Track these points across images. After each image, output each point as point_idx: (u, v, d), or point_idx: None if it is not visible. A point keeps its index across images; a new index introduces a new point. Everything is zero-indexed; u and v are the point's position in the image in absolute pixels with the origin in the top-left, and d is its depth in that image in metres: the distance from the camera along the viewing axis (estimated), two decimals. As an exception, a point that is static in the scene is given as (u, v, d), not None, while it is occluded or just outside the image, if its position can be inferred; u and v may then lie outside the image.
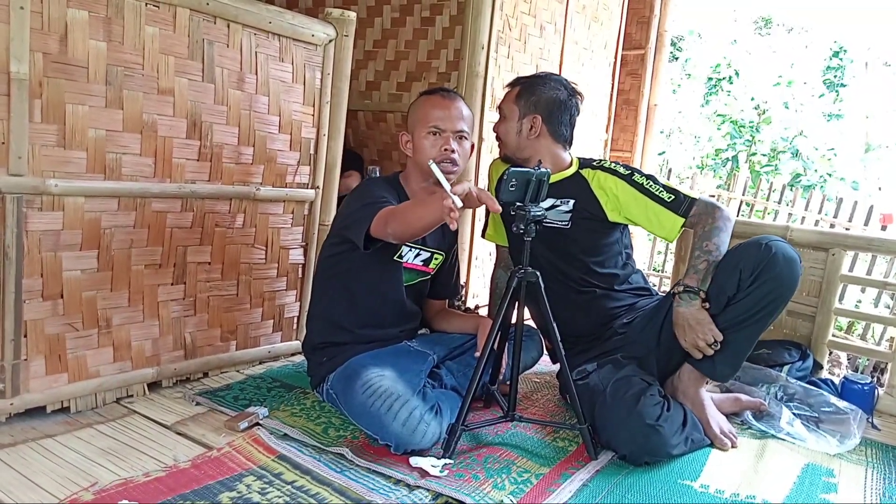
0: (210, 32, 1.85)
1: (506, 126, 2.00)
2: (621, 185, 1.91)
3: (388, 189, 1.81)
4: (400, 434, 1.57)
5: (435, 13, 2.98)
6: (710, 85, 11.74)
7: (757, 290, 1.71)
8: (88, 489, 1.35)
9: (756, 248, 1.73)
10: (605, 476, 1.60)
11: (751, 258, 1.72)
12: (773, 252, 1.70)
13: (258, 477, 1.46)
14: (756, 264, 1.71)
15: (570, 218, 1.96)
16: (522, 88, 1.97)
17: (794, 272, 1.72)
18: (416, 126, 1.81)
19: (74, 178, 1.64)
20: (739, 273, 1.72)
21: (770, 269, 1.70)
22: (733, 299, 1.74)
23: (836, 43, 11.51)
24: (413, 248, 1.85)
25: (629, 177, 1.91)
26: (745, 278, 1.72)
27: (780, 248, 1.72)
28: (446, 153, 1.76)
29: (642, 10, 4.60)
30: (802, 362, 2.31)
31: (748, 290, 1.72)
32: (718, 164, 10.69)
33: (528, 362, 2.08)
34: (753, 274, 1.71)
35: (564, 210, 1.97)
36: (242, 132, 1.99)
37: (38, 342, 1.64)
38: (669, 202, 1.86)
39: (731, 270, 1.74)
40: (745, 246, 1.77)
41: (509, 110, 1.99)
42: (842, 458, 1.84)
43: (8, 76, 1.49)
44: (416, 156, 1.81)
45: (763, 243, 1.73)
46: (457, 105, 1.81)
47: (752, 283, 1.71)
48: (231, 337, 2.11)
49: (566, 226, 1.97)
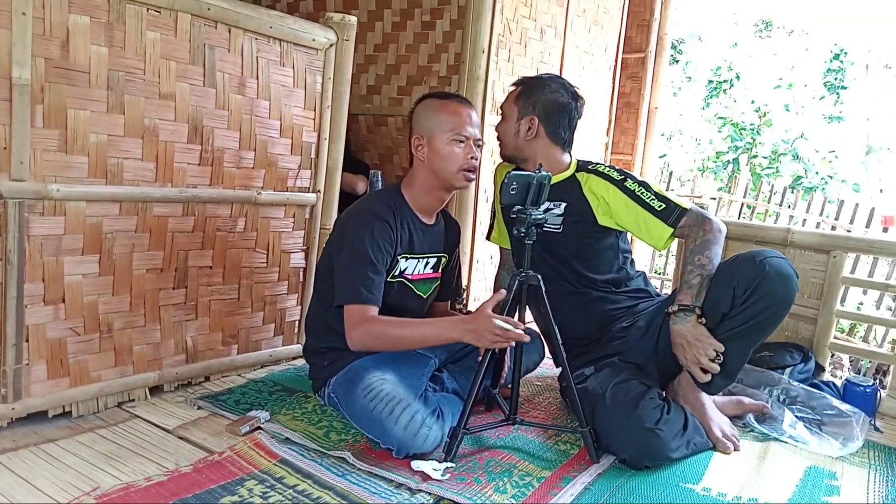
0: (211, 37, 1.86)
1: (505, 126, 2.01)
2: (612, 190, 1.90)
3: (388, 212, 1.74)
4: (402, 438, 1.57)
5: (435, 17, 2.99)
6: (710, 88, 11.76)
7: (751, 306, 1.70)
8: (90, 494, 1.35)
9: (750, 265, 1.72)
10: (607, 479, 1.60)
11: (745, 275, 1.71)
12: (767, 270, 1.69)
13: (260, 481, 1.46)
14: (750, 281, 1.70)
15: (561, 221, 1.96)
16: (523, 89, 1.98)
17: (788, 289, 1.71)
18: (435, 131, 1.77)
19: (76, 182, 1.64)
20: (734, 290, 1.71)
21: (764, 286, 1.69)
22: (727, 315, 1.73)
23: (837, 45, 11.52)
24: (420, 258, 1.84)
25: (621, 182, 1.90)
26: (738, 295, 1.71)
27: (775, 264, 1.70)
28: (472, 161, 1.78)
29: (642, 14, 4.61)
30: (804, 365, 2.31)
31: (742, 306, 1.71)
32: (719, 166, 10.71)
33: (530, 365, 2.09)
34: (747, 291, 1.70)
35: (557, 213, 1.97)
36: (243, 137, 1.99)
37: (39, 347, 1.65)
38: (659, 211, 1.85)
39: (725, 286, 1.73)
40: (741, 261, 1.76)
41: (509, 110, 1.99)
42: (844, 460, 1.83)
43: (10, 81, 1.49)
44: (437, 162, 1.78)
45: (758, 259, 1.72)
46: (474, 112, 1.83)
47: (746, 301, 1.70)
48: (232, 341, 2.11)
49: (558, 230, 1.96)
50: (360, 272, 1.67)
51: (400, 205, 1.81)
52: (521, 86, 2.00)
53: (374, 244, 1.69)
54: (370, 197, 1.92)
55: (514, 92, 2.00)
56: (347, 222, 1.78)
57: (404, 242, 1.78)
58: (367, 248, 1.68)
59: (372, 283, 1.67)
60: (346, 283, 1.69)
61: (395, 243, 1.75)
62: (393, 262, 1.76)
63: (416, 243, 1.82)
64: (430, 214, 1.86)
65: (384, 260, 1.72)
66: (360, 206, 1.82)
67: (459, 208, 2.90)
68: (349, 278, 1.68)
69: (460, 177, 1.79)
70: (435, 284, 1.94)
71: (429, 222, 1.86)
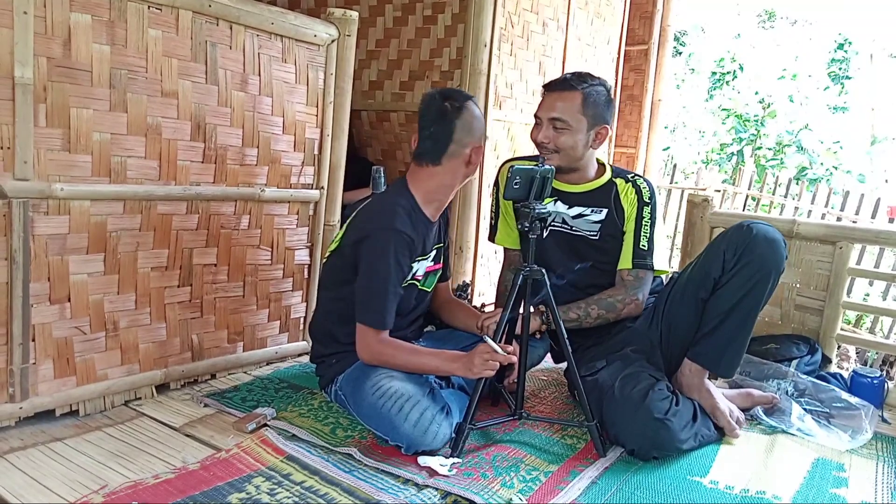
0: (213, 34, 1.85)
1: (574, 138, 1.86)
2: (634, 208, 1.96)
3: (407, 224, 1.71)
4: (411, 435, 1.57)
5: (437, 11, 2.98)
6: (714, 79, 11.71)
7: (741, 270, 1.74)
8: (98, 492, 1.36)
9: (738, 231, 1.78)
10: (614, 473, 1.60)
11: (733, 240, 1.77)
12: (754, 233, 1.74)
13: (267, 478, 1.46)
14: (738, 245, 1.75)
15: (598, 229, 1.96)
16: (585, 96, 1.85)
17: (776, 252, 1.74)
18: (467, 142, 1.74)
19: (80, 181, 1.64)
20: (723, 255, 1.76)
21: (752, 249, 1.73)
22: (719, 282, 1.77)
23: (841, 35, 11.45)
24: (427, 256, 1.84)
25: (642, 206, 1.96)
26: (728, 259, 1.75)
27: (761, 229, 1.75)
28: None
29: (645, 6, 4.59)
30: (811, 356, 2.30)
31: (732, 271, 1.75)
32: (724, 158, 10.67)
33: (535, 359, 2.08)
34: (736, 254, 1.74)
35: (594, 220, 1.96)
36: (246, 134, 1.99)
37: (46, 346, 1.65)
38: (639, 249, 1.94)
39: (715, 253, 1.78)
40: (728, 230, 1.82)
41: (575, 120, 1.85)
42: (852, 452, 1.82)
43: (12, 81, 1.49)
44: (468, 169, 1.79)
45: (745, 225, 1.78)
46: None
47: (736, 265, 1.74)
48: (238, 338, 2.11)
49: (594, 237, 1.97)
50: (382, 297, 1.68)
51: (414, 211, 1.76)
52: (578, 90, 1.85)
53: (396, 265, 1.69)
54: (387, 205, 1.77)
55: (573, 99, 1.85)
56: (368, 237, 1.70)
57: (419, 248, 1.78)
58: (391, 271, 1.68)
59: (390, 309, 1.69)
60: (368, 305, 1.69)
61: (414, 255, 1.75)
62: (410, 271, 1.77)
63: (427, 245, 1.82)
64: (437, 213, 1.85)
65: (403, 278, 1.73)
66: (382, 220, 1.72)
67: (463, 203, 2.89)
68: (371, 301, 1.69)
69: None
70: (437, 275, 1.94)
71: (434, 220, 1.85)
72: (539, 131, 1.89)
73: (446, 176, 1.77)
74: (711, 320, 1.78)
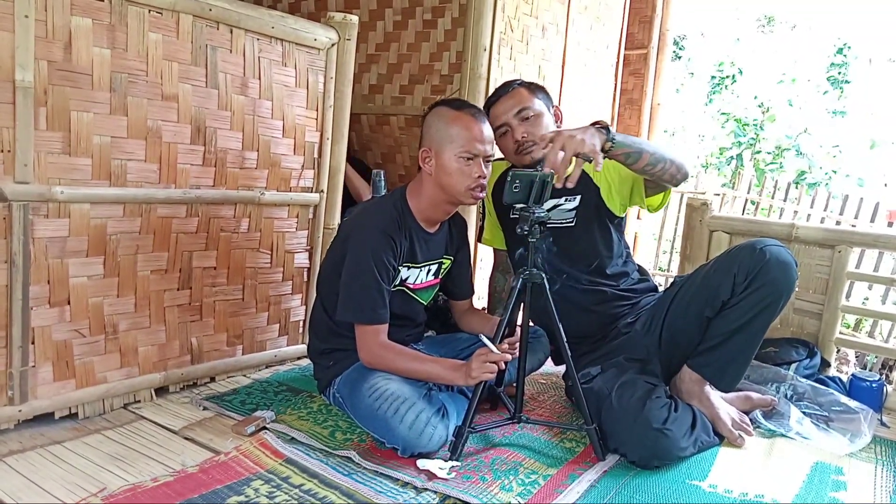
0: (213, 38, 1.86)
1: (544, 120, 1.93)
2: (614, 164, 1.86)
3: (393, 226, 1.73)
4: (407, 437, 1.57)
5: (437, 16, 2.99)
6: (713, 84, 11.72)
7: (752, 294, 1.71)
8: (97, 495, 1.36)
9: (750, 253, 1.73)
10: (613, 477, 1.60)
11: (745, 263, 1.72)
12: (768, 258, 1.70)
13: (266, 481, 1.46)
14: (750, 269, 1.70)
15: (574, 215, 1.96)
16: (527, 84, 1.96)
17: (788, 277, 1.71)
18: (444, 145, 1.72)
19: (80, 184, 1.65)
20: (734, 277, 1.72)
21: (764, 274, 1.69)
22: (728, 304, 1.74)
23: (840, 39, 11.46)
24: (421, 266, 1.84)
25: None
26: (739, 283, 1.72)
27: (775, 252, 1.71)
28: (480, 181, 1.74)
29: (644, 10, 4.59)
30: (810, 360, 2.30)
31: (742, 294, 1.72)
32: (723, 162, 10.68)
33: (535, 364, 2.08)
34: (748, 279, 1.71)
35: (568, 208, 1.96)
36: (246, 137, 1.99)
37: (45, 349, 1.65)
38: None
39: (725, 274, 1.74)
40: (740, 249, 1.77)
41: (536, 104, 1.93)
42: (851, 456, 1.82)
43: (13, 84, 1.49)
44: (444, 178, 1.73)
45: (758, 248, 1.73)
46: (487, 126, 1.76)
47: (747, 289, 1.71)
48: (237, 341, 2.11)
49: (571, 223, 1.96)
50: (366, 292, 1.68)
51: (404, 215, 1.78)
52: (521, 85, 1.96)
53: (378, 262, 1.69)
54: (376, 206, 1.84)
55: (523, 91, 1.94)
56: (352, 234, 1.75)
57: (405, 252, 1.77)
58: (372, 267, 1.68)
59: (378, 302, 1.69)
60: (351, 301, 1.70)
61: (398, 256, 1.75)
62: (395, 273, 1.77)
63: (417, 253, 1.81)
64: (433, 225, 1.86)
65: (388, 275, 1.72)
66: (366, 218, 1.78)
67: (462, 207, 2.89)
68: (353, 296, 1.69)
69: (467, 195, 1.75)
70: (435, 291, 1.94)
71: (431, 231, 1.85)
72: (512, 134, 1.92)
73: (425, 184, 1.78)
74: (716, 336, 1.77)
